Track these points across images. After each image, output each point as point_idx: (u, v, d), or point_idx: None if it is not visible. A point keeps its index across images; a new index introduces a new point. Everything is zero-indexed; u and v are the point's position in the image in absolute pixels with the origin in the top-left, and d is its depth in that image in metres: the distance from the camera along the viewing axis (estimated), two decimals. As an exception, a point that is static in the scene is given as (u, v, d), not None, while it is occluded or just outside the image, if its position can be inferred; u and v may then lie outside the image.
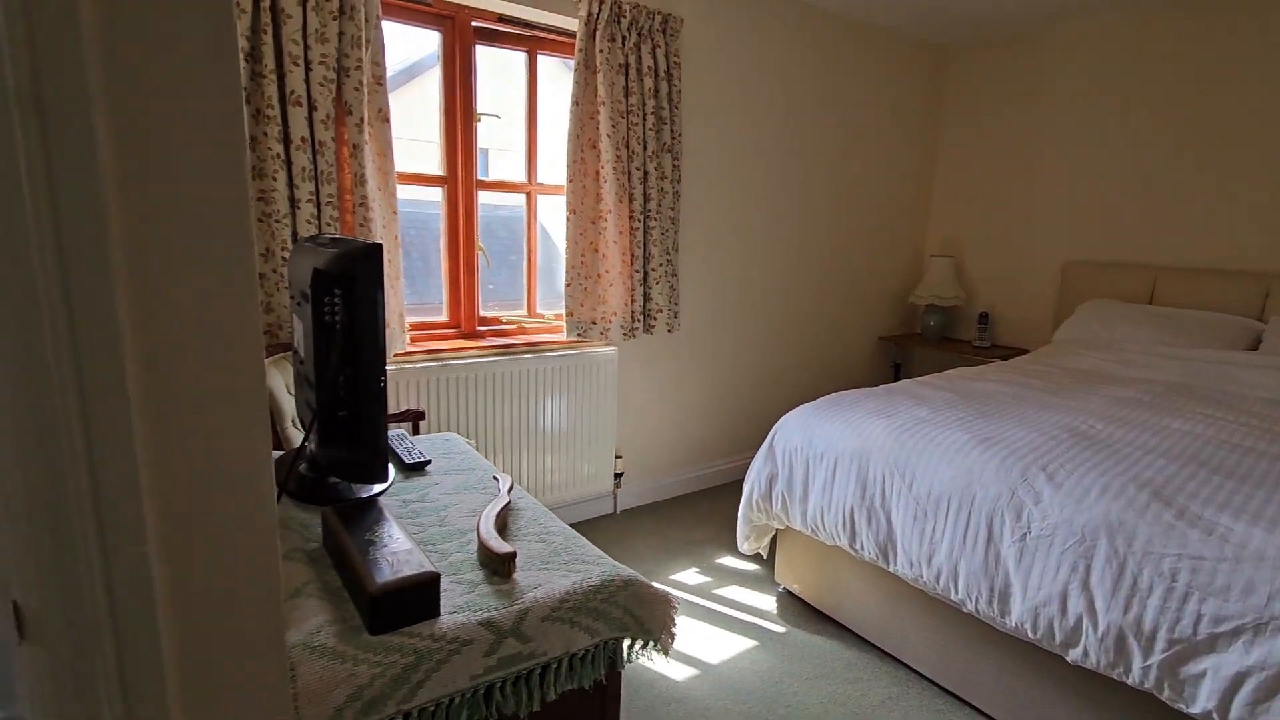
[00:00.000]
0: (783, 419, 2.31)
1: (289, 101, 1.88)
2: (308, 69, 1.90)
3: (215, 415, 0.59)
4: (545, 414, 2.58)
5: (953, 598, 1.75)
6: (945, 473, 1.81)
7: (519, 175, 2.65)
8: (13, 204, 0.49)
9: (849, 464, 2.03)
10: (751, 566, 2.57)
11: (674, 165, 2.71)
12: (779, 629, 2.18)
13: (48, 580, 0.53)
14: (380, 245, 1.15)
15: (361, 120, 2.01)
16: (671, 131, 2.66)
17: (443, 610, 1.00)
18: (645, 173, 2.62)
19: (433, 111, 2.42)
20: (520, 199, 2.66)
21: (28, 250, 0.50)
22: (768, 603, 2.33)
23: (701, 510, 3.03)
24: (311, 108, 1.92)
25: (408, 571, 0.97)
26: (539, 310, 2.74)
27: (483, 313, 2.59)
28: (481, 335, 2.56)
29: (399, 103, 2.16)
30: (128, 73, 0.52)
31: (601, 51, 2.42)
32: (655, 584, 1.17)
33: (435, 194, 2.44)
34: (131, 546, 0.55)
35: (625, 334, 2.67)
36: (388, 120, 2.10)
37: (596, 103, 2.48)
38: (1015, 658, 1.71)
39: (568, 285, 2.55)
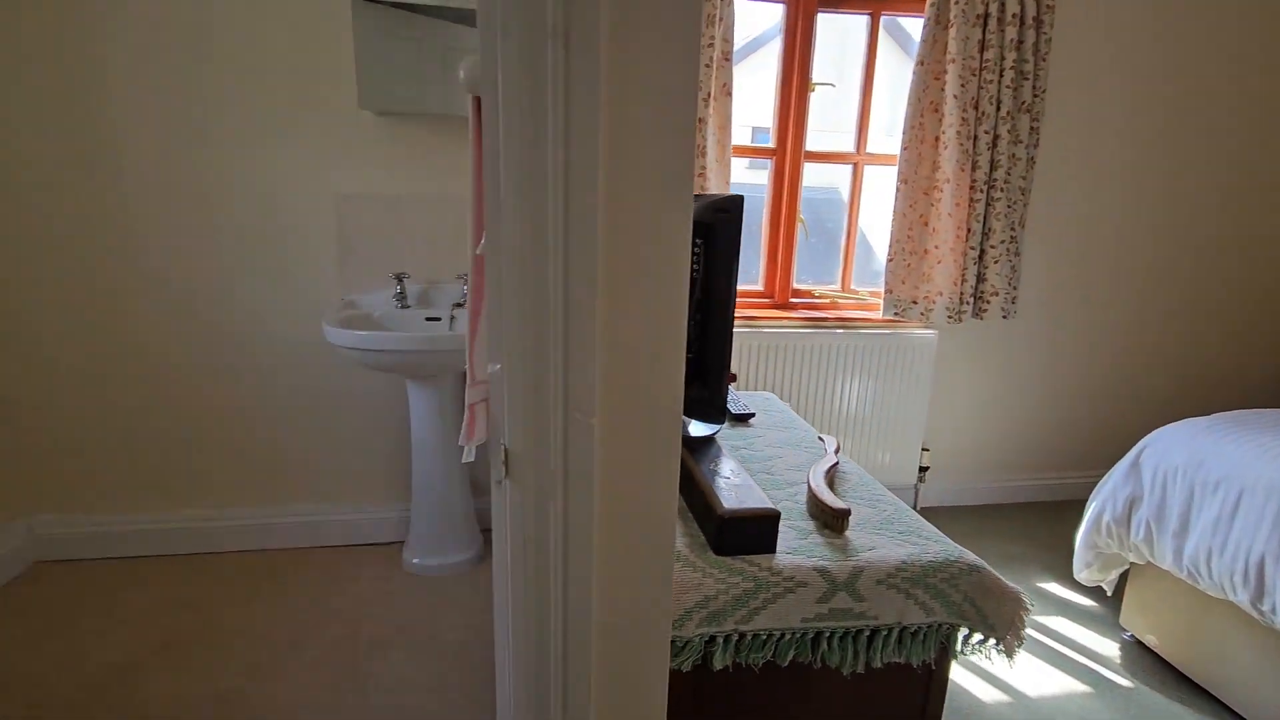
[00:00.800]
0: (1157, 433, 1.88)
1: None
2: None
3: (649, 338, 0.68)
4: (850, 392, 2.49)
5: None
6: None
7: (829, 150, 2.57)
8: (540, 119, 0.61)
9: (1263, 500, 1.57)
10: (1087, 601, 2.17)
11: (1031, 127, 2.35)
12: (1123, 682, 1.81)
13: (528, 434, 0.68)
14: (742, 197, 1.21)
15: (708, 95, 2.14)
16: (1033, 88, 2.31)
17: (777, 550, 1.03)
18: (995, 137, 2.32)
19: (759, 86, 2.47)
20: (828, 178, 2.59)
21: (544, 162, 0.62)
22: (1107, 648, 1.95)
23: (1019, 524, 2.64)
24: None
25: (752, 503, 1.02)
26: (853, 286, 2.64)
27: (795, 285, 2.59)
28: (793, 307, 2.56)
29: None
30: (621, 18, 0.61)
31: (958, 3, 2.20)
32: (1006, 580, 1.05)
33: (746, 171, 2.50)
34: (584, 416, 0.67)
35: (950, 317, 2.43)
36: (730, 95, 2.20)
37: (945, 61, 2.27)
38: None
39: (890, 260, 2.41)
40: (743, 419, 1.53)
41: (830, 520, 1.10)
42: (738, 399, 1.61)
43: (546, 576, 0.69)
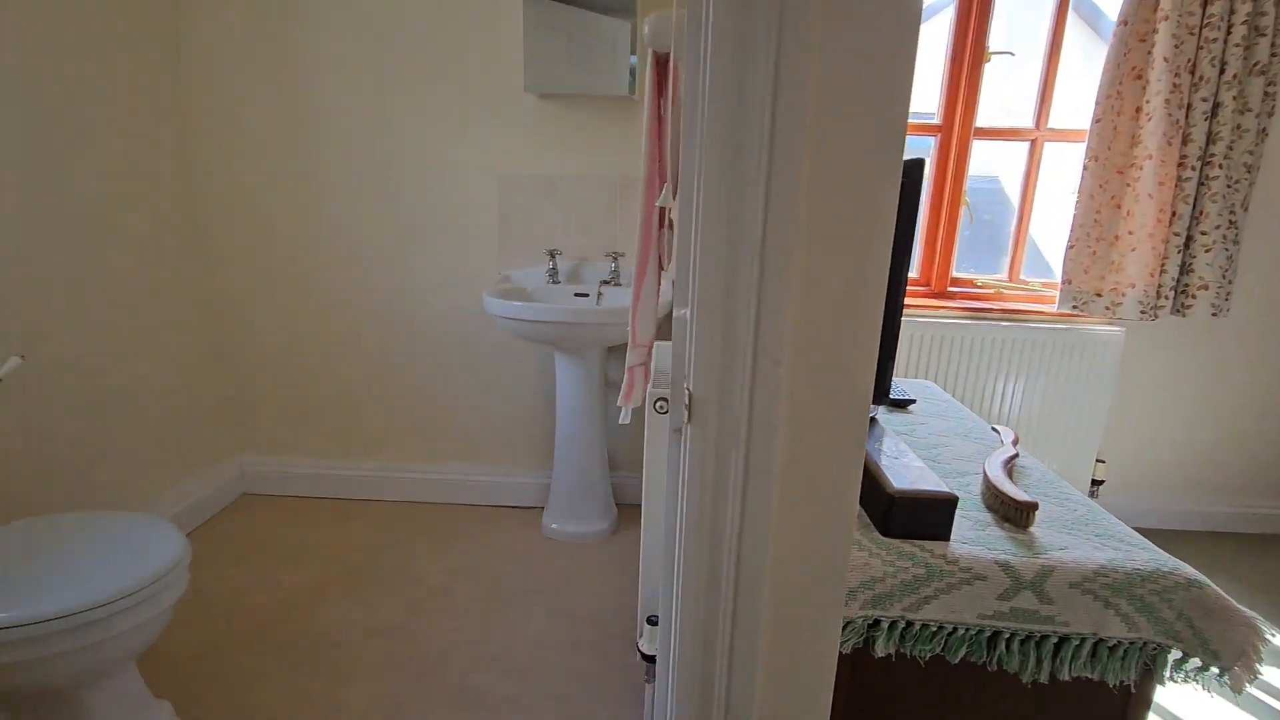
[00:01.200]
0: None
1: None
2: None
3: (848, 289, 0.64)
4: (1013, 390, 2.27)
5: None
6: None
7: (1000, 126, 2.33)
8: (749, 61, 0.59)
9: None
10: (1311, 652, 1.83)
11: (1266, 93, 2.01)
12: (1363, 752, 1.51)
13: (713, 380, 0.67)
14: (924, 161, 1.13)
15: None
16: (1272, 46, 1.97)
17: (952, 539, 0.95)
18: (1215, 105, 2.01)
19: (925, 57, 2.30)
20: (988, 166, 2.35)
21: (749, 101, 0.60)
22: (1341, 710, 1.63)
23: (1216, 556, 2.29)
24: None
25: (926, 485, 0.95)
26: (1022, 276, 2.40)
27: (955, 274, 2.40)
28: (952, 296, 2.38)
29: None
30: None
31: (1176, -48, 1.92)
32: (1236, 602, 0.90)
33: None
34: (772, 366, 0.64)
35: (1143, 312, 2.14)
36: (895, 65, 2.06)
37: (1155, 20, 1.99)
38: None
39: (1071, 247, 2.16)
40: (901, 405, 1.44)
41: (1012, 513, 1.00)
42: (896, 384, 1.51)
43: (723, 525, 0.68)
